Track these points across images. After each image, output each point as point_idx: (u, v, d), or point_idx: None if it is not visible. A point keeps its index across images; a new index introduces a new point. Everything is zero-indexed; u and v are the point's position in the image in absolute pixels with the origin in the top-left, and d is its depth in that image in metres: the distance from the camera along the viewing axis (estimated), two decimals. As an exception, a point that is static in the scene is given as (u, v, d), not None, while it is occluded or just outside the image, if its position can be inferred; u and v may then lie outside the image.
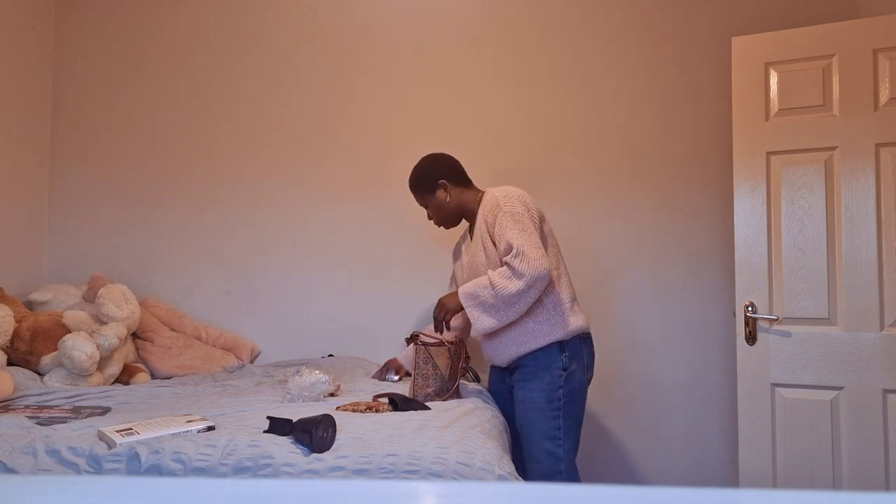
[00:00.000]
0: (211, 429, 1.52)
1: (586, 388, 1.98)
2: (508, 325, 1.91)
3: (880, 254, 2.02)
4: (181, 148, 2.99)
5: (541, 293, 1.86)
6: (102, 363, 2.33)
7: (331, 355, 2.77)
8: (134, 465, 1.38)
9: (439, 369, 1.94)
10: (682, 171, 2.64)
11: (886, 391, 1.99)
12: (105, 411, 1.84)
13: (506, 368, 2.05)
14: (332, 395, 2.00)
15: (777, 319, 2.11)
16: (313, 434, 1.37)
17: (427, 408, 1.79)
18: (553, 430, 1.88)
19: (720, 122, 2.61)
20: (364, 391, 2.08)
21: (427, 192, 2.07)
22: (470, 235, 2.12)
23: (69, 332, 2.33)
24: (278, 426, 1.48)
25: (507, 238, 1.84)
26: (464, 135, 2.76)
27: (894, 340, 1.99)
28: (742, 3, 2.64)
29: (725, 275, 2.57)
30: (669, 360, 2.62)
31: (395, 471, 1.33)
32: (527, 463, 1.93)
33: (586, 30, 2.74)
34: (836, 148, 2.08)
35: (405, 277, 2.80)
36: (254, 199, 2.92)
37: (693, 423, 2.59)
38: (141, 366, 2.56)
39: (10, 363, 2.29)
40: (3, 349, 2.27)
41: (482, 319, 1.87)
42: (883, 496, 0.40)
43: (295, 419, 1.48)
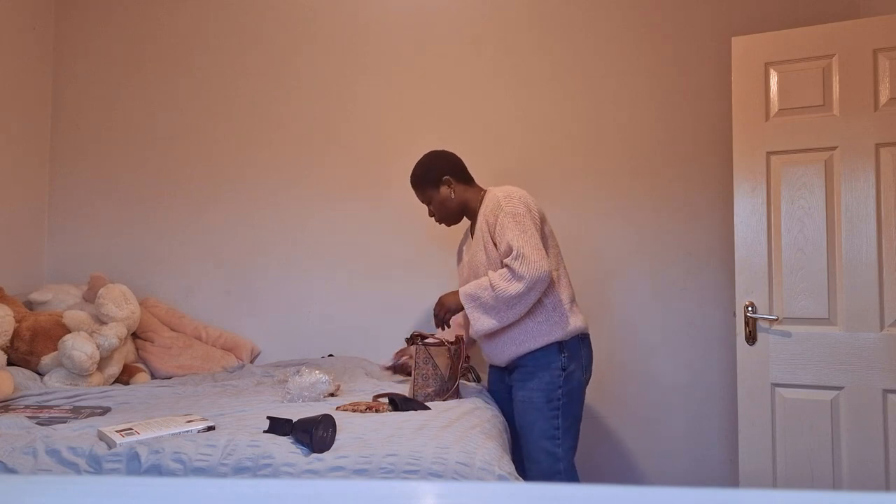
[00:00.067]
0: (211, 429, 1.52)
1: (585, 388, 1.98)
2: (508, 325, 1.91)
3: (880, 254, 2.02)
4: (181, 148, 2.99)
5: (541, 294, 1.86)
6: (102, 363, 2.33)
7: (331, 355, 2.77)
8: (134, 465, 1.38)
9: (439, 369, 1.94)
10: (682, 171, 2.64)
11: (886, 391, 1.99)
12: (105, 411, 1.84)
13: (505, 368, 2.05)
14: (332, 395, 2.00)
15: (777, 319, 2.11)
16: (313, 434, 1.37)
17: (427, 408, 1.79)
18: (552, 430, 1.88)
19: (720, 122, 2.61)
20: (364, 391, 2.08)
21: (431, 188, 2.06)
22: (471, 234, 2.12)
23: (69, 332, 2.33)
24: (278, 426, 1.48)
25: (507, 239, 1.84)
26: (464, 135, 2.76)
27: (894, 340, 1.99)
28: (742, 3, 2.64)
29: (725, 275, 2.57)
30: (669, 360, 2.62)
31: (395, 471, 1.33)
32: (526, 462, 1.93)
33: (586, 30, 2.74)
34: (836, 148, 2.08)
35: (405, 277, 2.80)
36: (254, 199, 2.92)
37: (693, 423, 2.59)
38: (141, 366, 2.56)
39: (10, 363, 2.29)
40: (3, 349, 2.27)
41: (482, 321, 1.89)
42: (883, 496, 0.40)
43: (295, 419, 1.48)
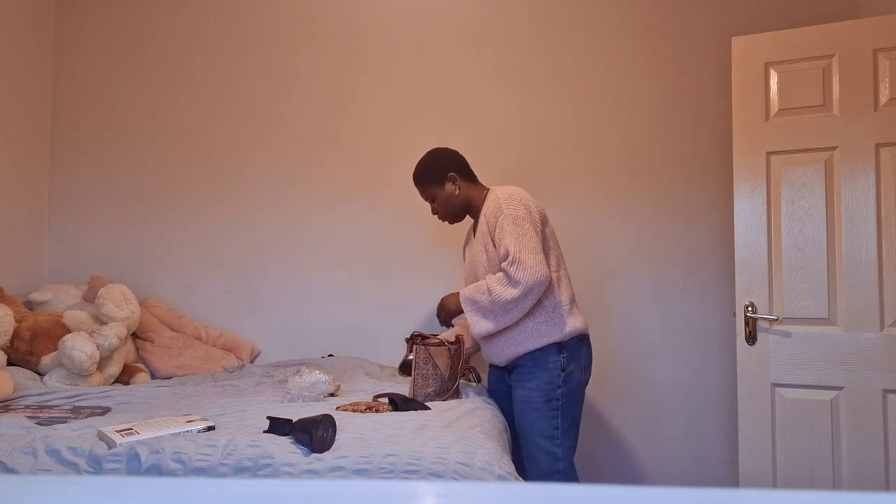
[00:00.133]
0: (211, 429, 1.52)
1: (584, 388, 1.99)
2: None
3: (880, 254, 2.02)
4: (181, 148, 2.99)
5: (538, 297, 1.87)
6: (102, 363, 2.33)
7: (331, 355, 2.77)
8: (134, 465, 1.38)
9: (439, 369, 1.94)
10: (682, 171, 2.64)
11: (886, 391, 1.99)
12: (105, 411, 1.84)
13: (504, 368, 2.06)
14: (332, 395, 2.00)
15: (777, 319, 2.11)
16: (313, 434, 1.37)
17: (427, 408, 1.79)
18: (551, 430, 1.88)
19: (720, 122, 2.60)
20: (364, 391, 2.08)
21: (435, 185, 2.06)
22: (473, 232, 2.13)
23: (69, 332, 2.33)
24: (278, 426, 1.48)
25: (505, 243, 1.85)
26: (464, 135, 2.76)
27: (894, 340, 1.99)
28: (742, 3, 2.64)
29: (725, 275, 2.57)
30: (669, 360, 2.62)
31: (395, 471, 1.33)
32: (525, 462, 1.94)
33: (586, 30, 2.74)
34: (836, 148, 2.08)
35: (405, 277, 2.80)
36: (254, 199, 2.92)
37: (693, 423, 2.59)
38: (141, 366, 2.56)
39: (10, 363, 2.29)
40: (3, 349, 2.27)
41: (480, 324, 1.92)
42: (883, 496, 0.40)
43: (295, 419, 1.48)
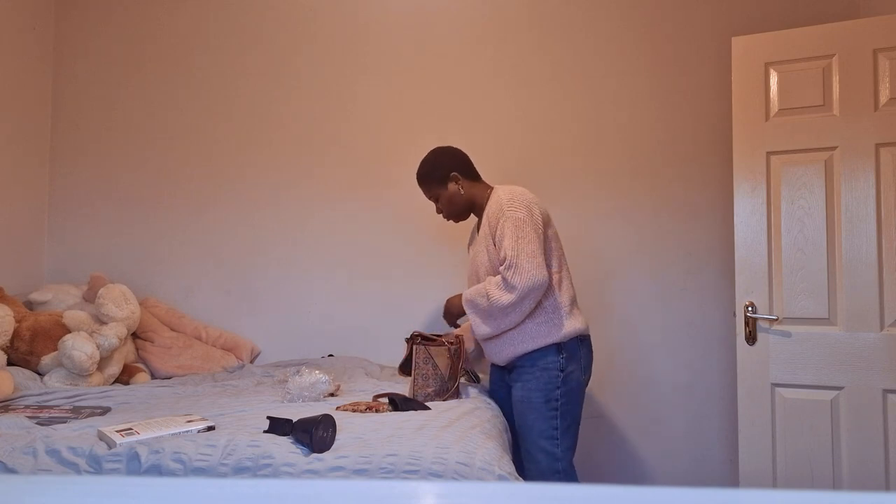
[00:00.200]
0: (211, 429, 1.52)
1: (584, 388, 1.99)
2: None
3: (880, 254, 2.02)
4: (181, 148, 2.99)
5: (537, 301, 1.87)
6: (102, 363, 2.33)
7: (331, 355, 2.77)
8: (134, 465, 1.38)
9: (439, 369, 1.94)
10: (682, 171, 2.64)
11: (886, 391, 1.99)
12: (105, 411, 1.84)
13: (505, 368, 2.06)
14: (332, 395, 2.00)
15: (777, 319, 2.11)
16: (313, 434, 1.37)
17: (427, 408, 1.79)
18: (550, 430, 1.88)
19: (720, 122, 2.60)
20: (364, 391, 2.08)
21: (439, 185, 2.06)
22: (477, 231, 2.13)
23: (69, 332, 2.33)
24: (278, 426, 1.48)
25: (504, 246, 1.86)
26: (464, 135, 2.76)
27: (894, 340, 1.99)
28: (742, 3, 2.64)
29: (725, 275, 2.57)
30: (669, 360, 2.62)
31: (395, 471, 1.33)
32: (525, 462, 1.94)
33: (586, 30, 2.74)
34: (836, 148, 2.08)
35: (405, 277, 2.80)
36: (254, 199, 2.92)
37: (693, 423, 2.59)
38: (141, 366, 2.56)
39: (10, 363, 2.29)
40: (3, 349, 2.27)
41: (481, 327, 1.94)
42: (883, 496, 0.40)
43: (295, 419, 1.48)
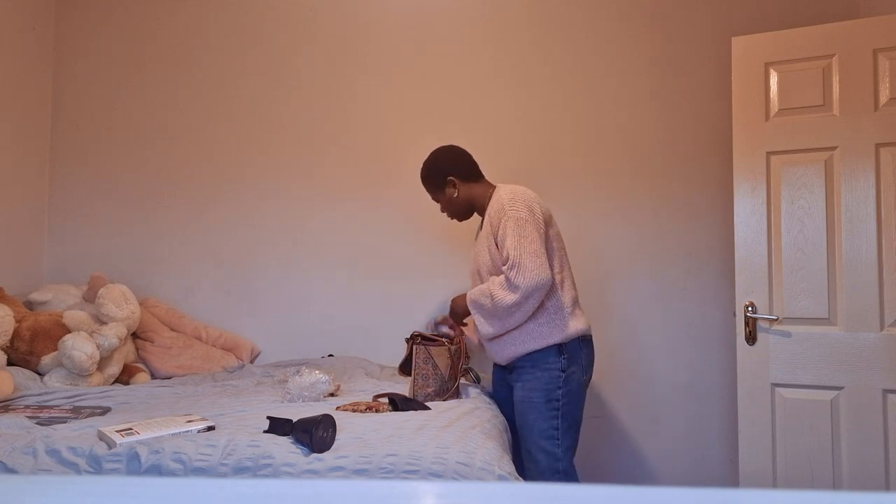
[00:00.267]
0: (211, 429, 1.52)
1: (585, 389, 1.99)
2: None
3: (880, 254, 2.02)
4: (181, 148, 2.99)
5: (541, 300, 1.87)
6: (102, 363, 2.33)
7: (331, 355, 2.77)
8: (134, 465, 1.38)
9: (439, 369, 1.94)
10: (682, 171, 2.64)
11: (886, 391, 1.99)
12: (105, 411, 1.84)
13: (506, 367, 2.06)
14: (332, 395, 2.00)
15: (777, 319, 2.11)
16: (313, 434, 1.37)
17: (427, 408, 1.79)
18: (551, 430, 1.88)
19: (720, 122, 2.60)
20: (364, 391, 2.08)
21: (436, 188, 2.09)
22: (480, 229, 2.13)
23: (69, 332, 2.33)
24: (278, 426, 1.48)
25: (506, 246, 1.86)
26: (464, 135, 2.76)
27: (894, 340, 1.99)
28: (742, 3, 2.64)
29: (725, 275, 2.57)
30: (669, 360, 2.62)
31: (395, 471, 1.33)
32: (525, 462, 1.94)
33: (586, 30, 2.74)
34: (836, 148, 2.08)
35: (405, 277, 2.80)
36: (254, 199, 2.92)
37: (693, 423, 2.59)
38: (141, 366, 2.55)
39: (10, 363, 2.29)
40: (3, 349, 2.27)
41: (485, 327, 1.94)
42: (883, 496, 0.40)
43: (295, 419, 1.48)
